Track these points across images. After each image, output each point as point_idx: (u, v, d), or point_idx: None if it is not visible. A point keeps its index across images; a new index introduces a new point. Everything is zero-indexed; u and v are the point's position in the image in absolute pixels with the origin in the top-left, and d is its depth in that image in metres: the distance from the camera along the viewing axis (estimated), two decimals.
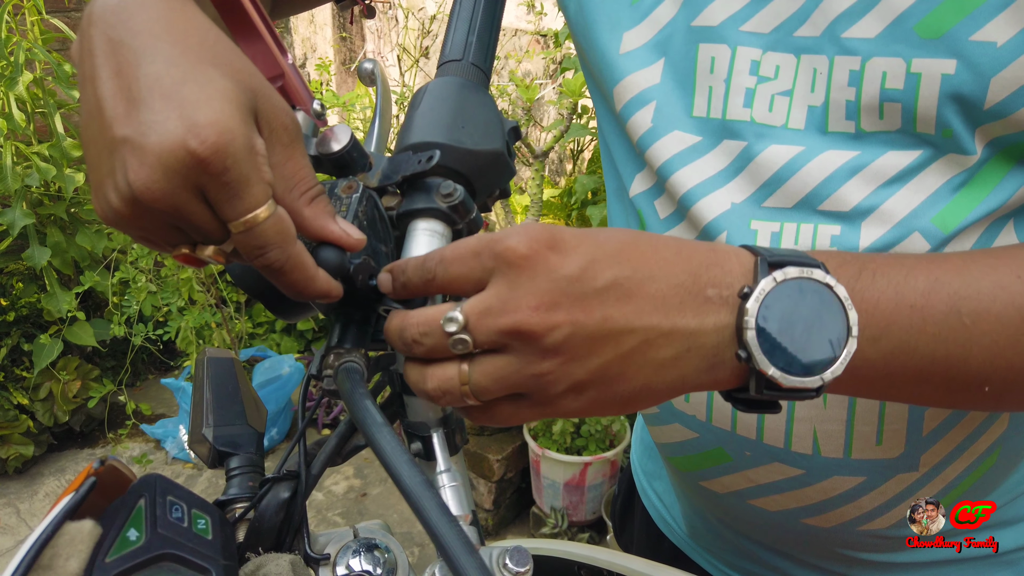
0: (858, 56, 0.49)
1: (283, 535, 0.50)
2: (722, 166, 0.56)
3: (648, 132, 0.59)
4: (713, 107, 0.56)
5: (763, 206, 0.54)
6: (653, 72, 0.58)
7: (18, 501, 2.44)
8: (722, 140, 0.55)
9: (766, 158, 0.53)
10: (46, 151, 2.31)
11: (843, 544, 0.62)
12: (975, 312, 0.40)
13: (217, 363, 0.55)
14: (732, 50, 0.54)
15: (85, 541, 0.39)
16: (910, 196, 0.49)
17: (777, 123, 0.53)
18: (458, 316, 0.37)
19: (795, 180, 0.52)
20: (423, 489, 0.34)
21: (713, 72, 0.55)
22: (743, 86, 0.54)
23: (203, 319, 2.47)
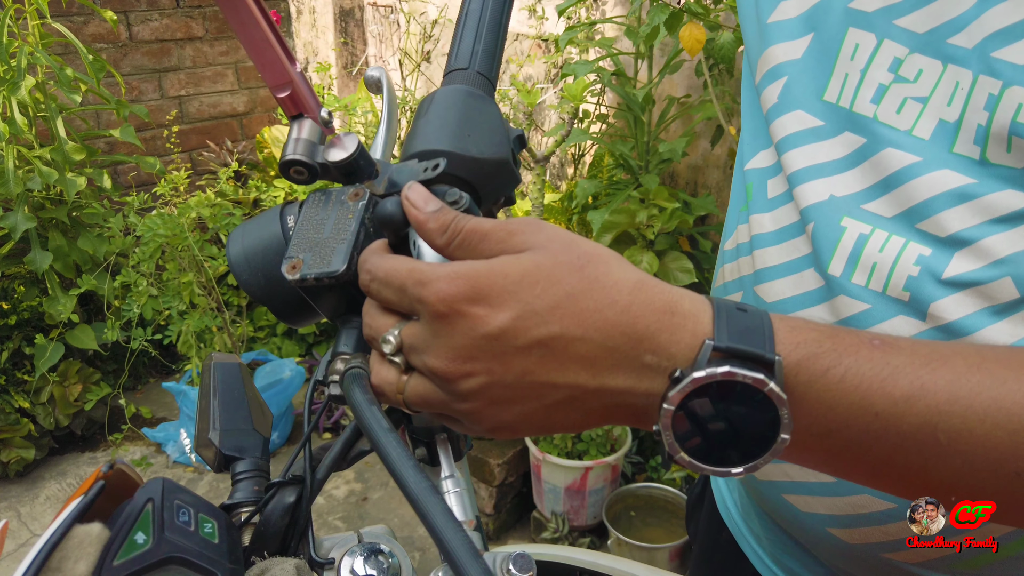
0: (1000, 80, 0.45)
1: (288, 539, 0.50)
2: (837, 156, 0.54)
3: (773, 107, 0.58)
4: (844, 95, 0.53)
5: (862, 207, 0.52)
6: (796, 47, 0.56)
7: (19, 505, 2.43)
8: (844, 131, 0.53)
9: (881, 160, 0.51)
10: (48, 155, 2.31)
11: (865, 566, 0.60)
12: (954, 430, 0.36)
13: (224, 368, 0.55)
14: (878, 41, 0.51)
15: (94, 544, 0.40)
16: (1016, 239, 0.45)
17: (902, 127, 0.50)
18: (392, 340, 0.39)
19: (903, 191, 0.49)
20: (428, 494, 0.35)
21: (853, 59, 0.53)
22: (876, 80, 0.51)
23: (204, 323, 2.47)
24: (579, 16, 2.34)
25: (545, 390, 0.37)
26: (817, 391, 0.36)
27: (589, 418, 0.39)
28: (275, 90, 0.47)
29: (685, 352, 0.36)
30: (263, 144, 3.22)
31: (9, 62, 2.15)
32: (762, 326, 0.37)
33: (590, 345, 0.36)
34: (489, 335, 0.36)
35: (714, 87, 1.85)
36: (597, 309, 0.36)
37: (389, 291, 0.39)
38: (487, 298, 0.36)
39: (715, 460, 0.37)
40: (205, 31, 3.17)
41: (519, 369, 0.36)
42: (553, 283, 0.36)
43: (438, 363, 0.37)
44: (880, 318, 0.51)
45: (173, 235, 2.33)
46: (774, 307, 0.59)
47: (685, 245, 2.11)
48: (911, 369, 0.37)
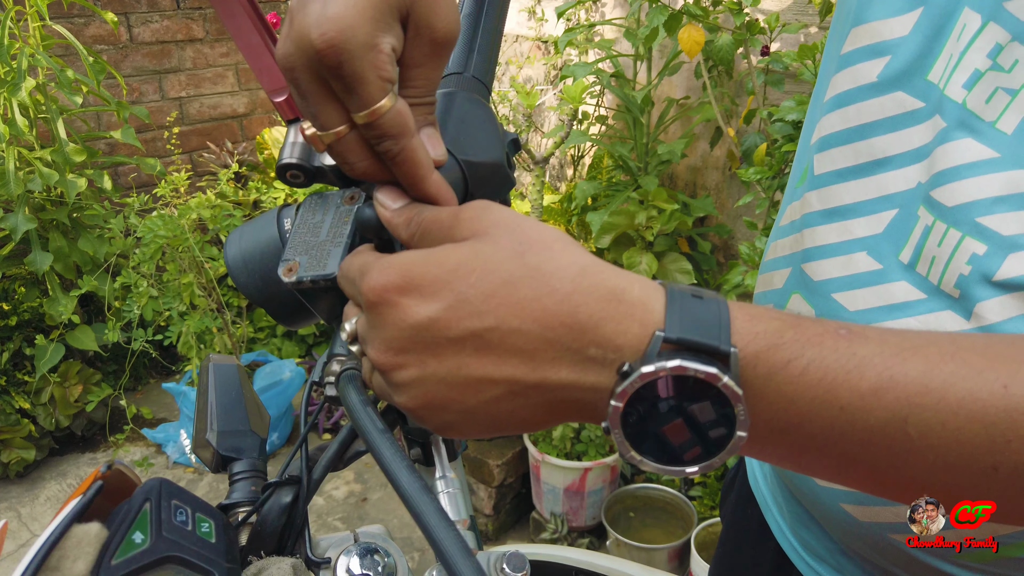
0: None
1: (285, 539, 0.51)
2: (927, 140, 0.51)
3: (869, 86, 0.54)
4: (944, 75, 0.50)
5: (931, 194, 0.50)
6: (904, 23, 0.53)
7: (19, 505, 2.44)
8: (935, 114, 0.51)
9: (957, 147, 0.48)
10: (48, 156, 2.32)
11: (876, 548, 0.60)
12: (926, 424, 0.34)
13: (221, 369, 0.56)
14: (983, 23, 0.48)
15: (92, 543, 0.40)
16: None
17: (988, 117, 0.47)
18: (347, 329, 0.40)
19: (971, 183, 0.47)
20: (421, 494, 0.35)
21: (959, 40, 0.50)
22: (973, 65, 0.48)
23: (204, 324, 2.47)
24: (578, 18, 2.34)
25: (482, 385, 0.35)
26: (777, 384, 0.34)
27: (535, 414, 0.37)
28: (272, 94, 0.47)
29: (633, 343, 0.34)
30: (263, 145, 3.22)
31: (10, 64, 2.16)
32: (719, 315, 0.34)
33: (528, 337, 0.34)
34: (419, 325, 0.34)
35: (713, 89, 1.85)
36: (535, 298, 0.34)
37: (347, 285, 0.40)
38: (419, 288, 0.35)
39: (668, 459, 0.35)
40: (206, 32, 3.18)
41: (452, 363, 0.35)
42: (489, 271, 0.35)
43: (374, 353, 0.37)
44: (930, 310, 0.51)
45: (174, 236, 2.33)
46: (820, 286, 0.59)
47: (684, 246, 2.11)
48: (879, 360, 0.34)
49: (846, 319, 0.55)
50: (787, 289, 0.63)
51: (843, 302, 0.56)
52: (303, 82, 0.38)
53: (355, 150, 0.40)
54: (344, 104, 0.39)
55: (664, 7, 1.71)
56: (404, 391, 0.36)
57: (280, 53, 0.38)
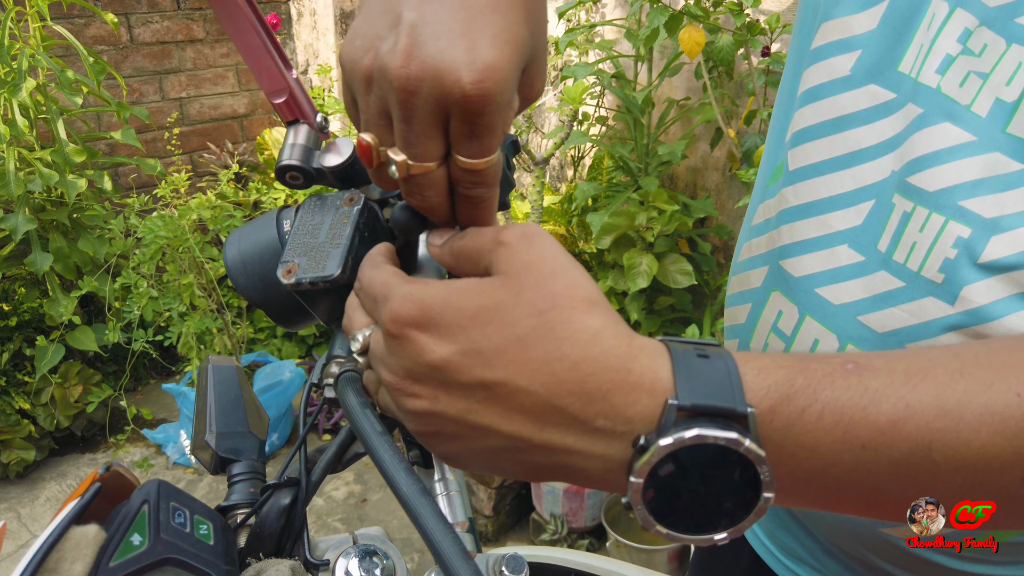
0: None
1: (284, 541, 0.51)
2: (900, 129, 0.52)
3: (841, 80, 0.55)
4: (915, 65, 0.51)
5: (907, 180, 0.50)
6: (871, 16, 0.54)
7: (19, 506, 2.44)
8: (908, 102, 0.51)
9: (935, 132, 0.49)
10: (48, 157, 2.32)
11: (866, 543, 0.60)
12: (950, 447, 0.33)
13: (220, 371, 0.56)
14: (951, 9, 0.49)
15: (90, 545, 0.40)
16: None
17: (962, 101, 0.48)
18: (359, 340, 0.39)
19: (952, 167, 0.48)
20: (419, 497, 0.35)
21: (929, 28, 0.51)
22: (945, 50, 0.49)
23: (204, 325, 2.47)
24: (579, 18, 2.34)
25: (488, 434, 0.35)
26: (796, 435, 0.34)
27: (539, 473, 0.36)
28: (271, 96, 0.47)
29: (644, 414, 0.33)
30: (264, 146, 3.22)
31: (10, 64, 2.16)
32: (728, 374, 0.34)
33: (535, 399, 0.33)
34: (432, 364, 0.34)
35: (713, 90, 1.85)
36: (546, 361, 0.33)
37: (367, 300, 0.40)
38: (436, 327, 0.34)
39: (695, 528, 0.34)
40: (206, 33, 3.18)
41: (462, 405, 0.34)
42: (506, 325, 0.34)
43: (388, 376, 0.37)
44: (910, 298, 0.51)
45: (174, 237, 2.33)
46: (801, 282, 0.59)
47: (684, 247, 2.11)
48: (891, 390, 0.34)
49: (831, 313, 0.55)
50: (765, 287, 0.63)
51: (827, 296, 0.56)
52: (421, 112, 0.35)
53: (437, 186, 0.38)
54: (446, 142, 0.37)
55: (665, 8, 1.71)
56: (412, 417, 0.36)
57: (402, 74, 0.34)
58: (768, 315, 0.61)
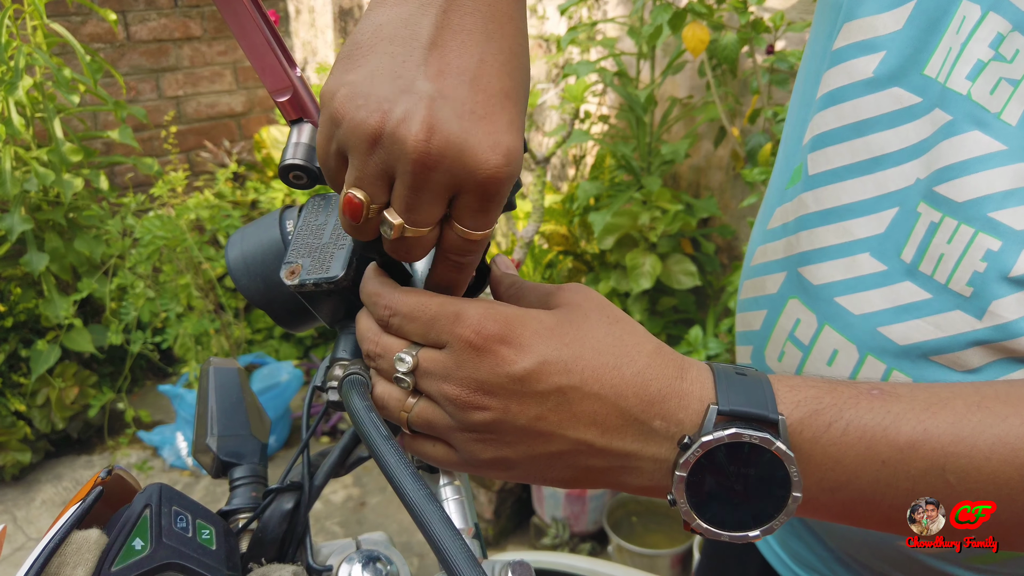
0: None
1: (286, 546, 0.50)
2: (926, 135, 0.51)
3: (864, 82, 0.54)
4: (943, 69, 0.50)
5: (935, 189, 0.50)
6: (896, 17, 0.53)
7: (15, 508, 2.43)
8: (935, 107, 0.51)
9: (964, 141, 0.48)
10: (45, 156, 2.31)
11: (880, 555, 0.60)
12: (963, 470, 0.37)
13: (222, 373, 0.55)
14: (983, 13, 0.48)
15: (92, 550, 0.39)
16: None
17: (992, 109, 0.48)
18: (409, 360, 0.39)
19: (981, 177, 0.47)
20: (427, 502, 0.35)
21: (959, 32, 0.50)
22: (976, 56, 0.49)
23: (202, 326, 2.46)
24: (581, 16, 2.34)
25: (553, 439, 0.38)
26: (823, 446, 0.37)
27: (588, 475, 0.39)
28: (275, 94, 0.46)
29: (692, 418, 0.37)
30: (261, 144, 3.22)
31: (7, 63, 2.15)
32: (762, 388, 0.38)
33: (603, 404, 0.37)
34: (514, 376, 0.37)
35: (717, 88, 1.85)
36: (616, 366, 0.38)
37: (414, 325, 0.39)
38: (518, 341, 0.37)
39: (731, 526, 0.38)
40: (203, 31, 3.17)
41: (533, 413, 0.37)
42: (581, 336, 0.38)
43: (457, 391, 0.37)
44: (937, 310, 0.50)
45: (172, 236, 2.32)
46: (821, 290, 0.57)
47: (688, 248, 2.10)
48: (912, 415, 0.37)
49: (851, 323, 0.55)
50: (783, 294, 0.61)
51: (847, 306, 0.55)
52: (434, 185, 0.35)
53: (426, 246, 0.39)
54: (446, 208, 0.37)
55: (668, 5, 1.70)
56: (475, 430, 0.38)
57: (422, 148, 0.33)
58: (785, 323, 0.60)
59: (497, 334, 0.37)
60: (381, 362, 0.40)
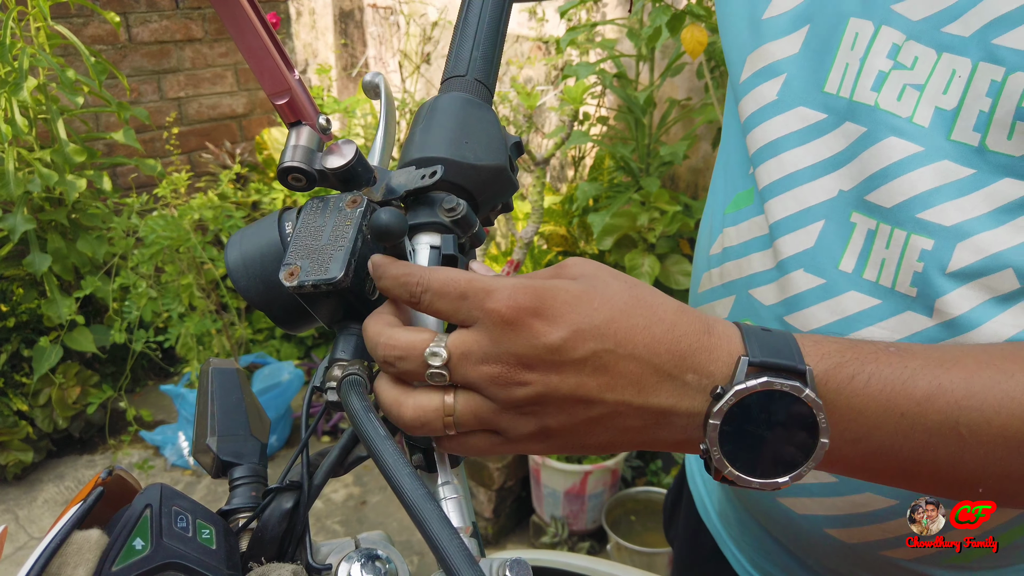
0: (1003, 67, 0.46)
1: (286, 545, 0.50)
2: (839, 148, 0.53)
3: (770, 105, 0.56)
4: (844, 85, 0.53)
5: (866, 198, 0.51)
6: (793, 41, 0.56)
7: (17, 508, 2.43)
8: (844, 121, 0.53)
9: (882, 149, 0.50)
10: (48, 157, 2.31)
11: (862, 565, 0.61)
12: (974, 423, 0.39)
13: (221, 374, 0.55)
14: (876, 27, 0.51)
15: (92, 550, 0.40)
16: (1015, 232, 0.46)
17: (903, 114, 0.50)
18: (443, 352, 0.38)
19: (904, 180, 0.49)
20: (425, 501, 0.35)
21: (854, 48, 0.52)
22: (876, 68, 0.51)
23: (204, 325, 2.47)
24: (580, 18, 2.34)
25: (593, 404, 0.38)
26: (846, 397, 0.39)
27: (624, 437, 0.40)
28: (273, 97, 0.47)
29: (723, 370, 0.39)
30: (262, 146, 3.22)
31: (11, 63, 2.15)
32: (788, 343, 0.39)
33: (638, 363, 0.38)
34: (550, 346, 0.37)
35: (715, 90, 1.85)
36: (646, 326, 0.38)
37: (444, 301, 0.39)
38: (549, 312, 0.37)
39: (761, 473, 0.39)
40: (204, 32, 3.18)
41: (573, 382, 0.38)
42: (608, 300, 0.39)
43: (497, 369, 0.38)
44: (889, 314, 0.51)
45: (176, 236, 2.33)
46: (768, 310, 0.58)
47: (686, 248, 2.11)
48: (927, 371, 0.39)
49: None
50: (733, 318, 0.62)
51: (794, 324, 0.56)
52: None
53: None
54: None
55: (667, 7, 1.71)
56: (518, 407, 0.38)
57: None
58: None
59: (530, 307, 0.37)
60: (406, 363, 0.39)
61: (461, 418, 0.40)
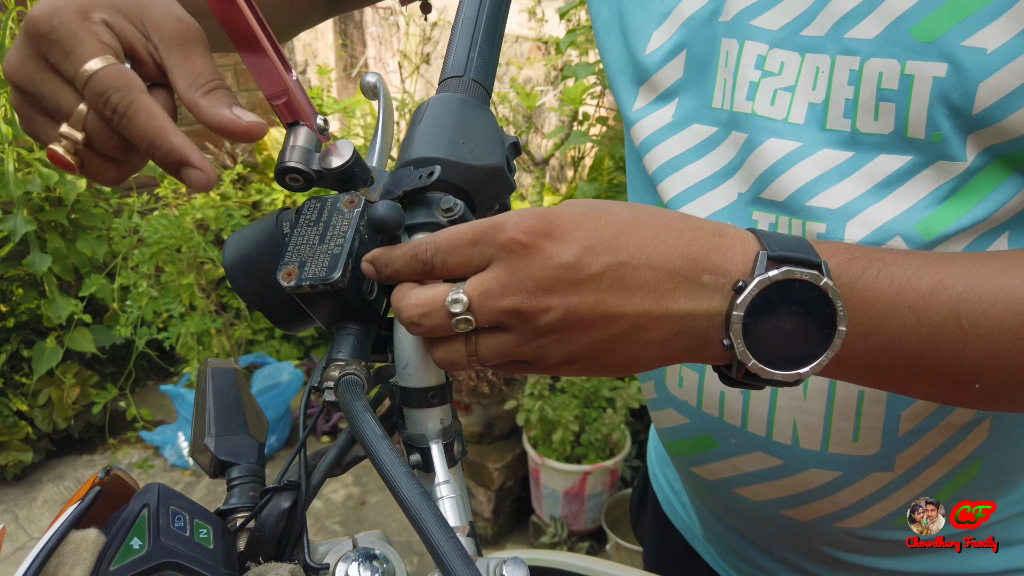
0: (857, 56, 0.50)
1: (283, 544, 0.50)
2: (731, 157, 0.57)
3: (668, 126, 0.60)
4: (725, 99, 0.57)
5: (761, 196, 0.55)
6: (675, 67, 0.60)
7: (16, 508, 2.43)
8: (731, 131, 0.57)
9: (765, 150, 0.54)
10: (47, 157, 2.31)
11: (823, 541, 0.63)
12: (974, 315, 0.42)
13: (219, 374, 0.56)
14: (740, 44, 0.56)
15: (90, 550, 0.40)
16: (896, 202, 0.51)
17: (778, 116, 0.54)
18: (463, 297, 0.39)
19: (789, 174, 0.53)
20: (421, 501, 0.35)
21: (727, 65, 0.57)
22: (747, 79, 0.56)
23: (203, 325, 2.47)
24: (579, 18, 2.34)
25: (615, 319, 0.39)
26: (858, 291, 0.41)
27: (648, 351, 0.41)
28: (271, 98, 0.47)
29: (740, 268, 0.40)
30: (262, 146, 3.22)
31: None
32: (801, 241, 0.41)
33: (653, 271, 0.39)
34: (565, 264, 0.38)
35: None
36: (655, 235, 0.40)
37: (456, 254, 0.40)
38: (559, 231, 0.39)
39: (783, 364, 0.40)
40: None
41: (592, 299, 0.39)
42: (612, 217, 0.40)
43: (517, 299, 0.39)
44: None
45: (179, 236, 2.33)
46: None
47: None
48: (929, 268, 0.42)
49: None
50: None
51: None
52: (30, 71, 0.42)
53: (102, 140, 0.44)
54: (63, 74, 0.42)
55: None
56: (544, 334, 0.39)
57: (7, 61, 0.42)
58: None
59: (540, 229, 0.38)
60: (432, 319, 0.40)
61: (484, 357, 0.41)
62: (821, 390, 0.56)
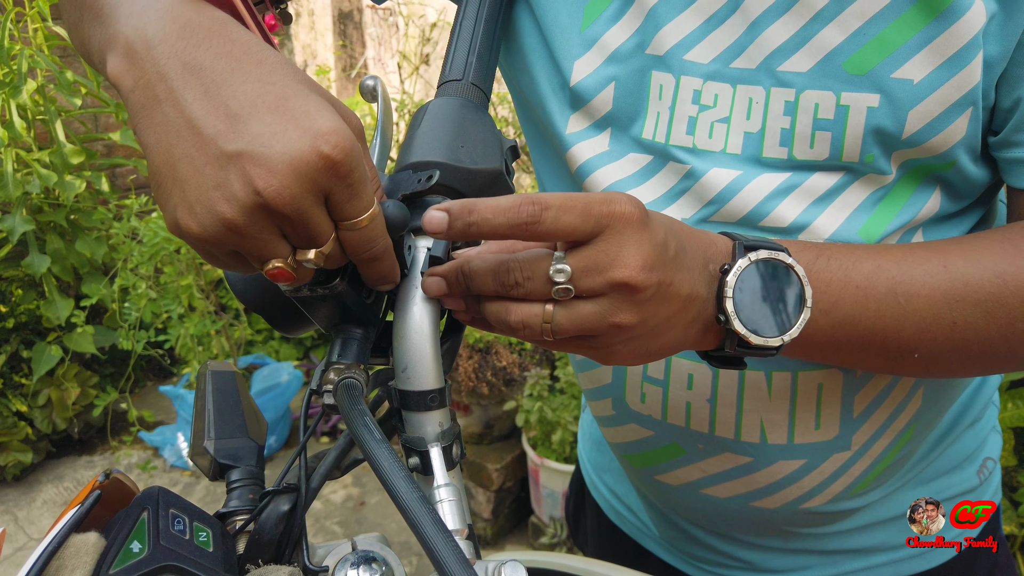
0: (793, 88, 0.54)
1: (283, 547, 0.50)
2: (672, 183, 0.59)
3: (602, 154, 0.61)
4: (659, 131, 0.59)
5: (711, 220, 0.58)
6: (604, 98, 0.60)
7: (16, 508, 2.43)
8: (668, 162, 0.59)
9: (709, 179, 0.57)
10: (47, 158, 2.32)
11: (785, 522, 0.67)
12: (908, 294, 0.49)
13: (219, 376, 0.56)
14: (676, 79, 0.57)
15: (90, 553, 0.40)
16: (837, 212, 0.55)
17: (716, 148, 0.57)
18: (567, 268, 0.41)
19: (736, 200, 0.56)
20: (419, 504, 0.35)
21: (661, 99, 0.58)
22: (686, 114, 0.57)
23: (203, 326, 2.47)
24: None
25: (674, 299, 0.43)
26: (815, 273, 0.48)
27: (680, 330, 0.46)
28: None
29: (723, 257, 0.46)
30: None
31: (10, 65, 2.15)
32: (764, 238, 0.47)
33: (693, 256, 0.45)
34: (660, 243, 0.42)
35: None
36: (681, 228, 0.45)
37: (571, 216, 0.40)
38: (648, 214, 0.42)
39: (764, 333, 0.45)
40: None
41: (668, 280, 0.42)
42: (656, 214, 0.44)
43: (630, 272, 0.41)
44: None
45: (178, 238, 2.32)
46: None
47: None
48: (868, 255, 0.50)
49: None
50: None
51: None
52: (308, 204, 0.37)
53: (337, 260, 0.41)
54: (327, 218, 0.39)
55: None
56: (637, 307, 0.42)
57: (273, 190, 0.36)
58: (634, 368, 0.64)
59: (643, 210, 0.42)
60: (533, 283, 0.42)
61: (559, 326, 0.42)
62: (784, 388, 0.59)
